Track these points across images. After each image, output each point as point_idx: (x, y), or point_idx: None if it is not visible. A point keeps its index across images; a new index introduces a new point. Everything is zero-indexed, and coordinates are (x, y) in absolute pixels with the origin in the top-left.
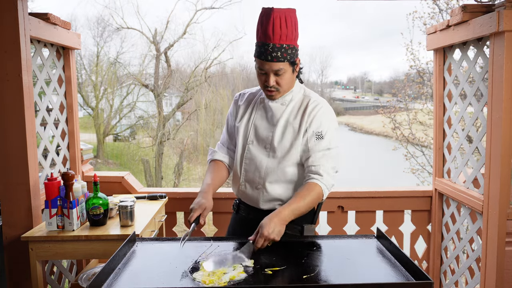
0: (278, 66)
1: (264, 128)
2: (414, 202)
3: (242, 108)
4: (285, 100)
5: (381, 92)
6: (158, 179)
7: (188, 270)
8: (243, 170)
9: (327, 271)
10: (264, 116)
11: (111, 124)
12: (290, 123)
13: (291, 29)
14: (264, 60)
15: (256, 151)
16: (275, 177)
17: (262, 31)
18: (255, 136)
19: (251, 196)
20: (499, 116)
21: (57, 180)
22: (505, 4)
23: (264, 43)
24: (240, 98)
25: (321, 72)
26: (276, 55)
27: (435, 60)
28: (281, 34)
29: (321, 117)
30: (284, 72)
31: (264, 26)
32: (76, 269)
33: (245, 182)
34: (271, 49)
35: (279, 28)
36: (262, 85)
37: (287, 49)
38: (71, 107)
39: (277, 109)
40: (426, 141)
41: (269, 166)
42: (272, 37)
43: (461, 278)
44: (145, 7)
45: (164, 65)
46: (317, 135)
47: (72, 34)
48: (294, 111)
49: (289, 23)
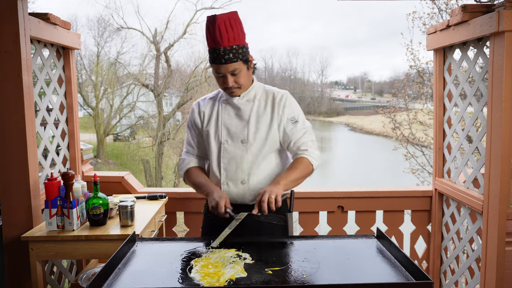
0: (233, 67)
1: (236, 125)
2: (414, 202)
3: (206, 113)
4: (250, 96)
5: (381, 92)
6: (158, 179)
7: (187, 270)
8: (223, 170)
9: (327, 271)
10: (233, 115)
11: (111, 124)
12: (261, 115)
13: (236, 30)
14: (218, 64)
15: (233, 149)
16: (257, 169)
17: (211, 38)
18: (228, 135)
19: (236, 193)
20: (499, 116)
21: (57, 180)
22: (505, 4)
23: (215, 48)
24: (201, 105)
25: (321, 72)
26: (229, 56)
27: (435, 60)
28: (229, 36)
29: (291, 104)
30: (239, 71)
31: (212, 32)
32: (76, 269)
33: (227, 180)
34: (222, 52)
35: (226, 31)
36: (223, 87)
37: (237, 49)
38: (71, 107)
39: (246, 106)
40: (426, 141)
41: (250, 159)
42: (221, 41)
43: (461, 278)
44: (145, 7)
45: (164, 65)
46: (292, 120)
47: (72, 34)
48: (261, 105)
49: (234, 25)
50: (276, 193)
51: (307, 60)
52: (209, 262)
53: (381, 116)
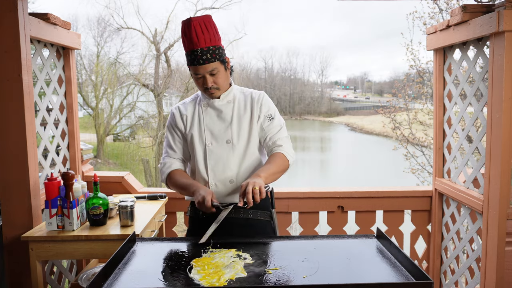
0: (211, 67)
1: (219, 127)
2: (414, 202)
3: (189, 116)
4: (230, 97)
5: (381, 92)
6: (158, 179)
7: (187, 270)
8: (210, 171)
9: (327, 271)
10: (214, 117)
11: (111, 124)
12: (242, 116)
13: (212, 32)
14: (197, 65)
15: (219, 150)
16: (244, 166)
17: (187, 40)
18: (212, 137)
19: (225, 192)
20: (499, 116)
21: (57, 180)
22: (505, 4)
23: (192, 50)
24: (181, 109)
25: (321, 72)
26: (206, 57)
27: (435, 60)
28: (205, 38)
29: (267, 102)
30: (218, 71)
31: (188, 35)
32: (76, 269)
33: (215, 181)
34: (200, 53)
35: (202, 33)
36: (202, 89)
37: (214, 50)
38: (71, 107)
39: (226, 107)
40: (426, 141)
41: (237, 158)
42: (198, 42)
43: (461, 278)
44: (145, 7)
45: (164, 65)
46: (268, 117)
47: (72, 34)
48: (241, 105)
49: (209, 27)
50: (259, 184)
51: (307, 60)
52: (209, 262)
53: (381, 116)
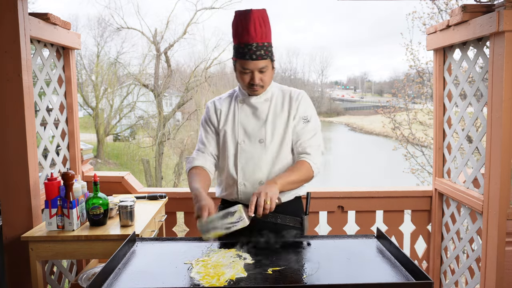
0: (263, 64)
1: (254, 125)
2: (414, 202)
3: (223, 112)
4: (267, 95)
5: (381, 92)
6: (158, 179)
7: (187, 270)
8: (240, 171)
9: (327, 271)
10: (249, 114)
11: (111, 124)
12: (278, 115)
13: (268, 27)
14: (249, 59)
15: (251, 148)
16: (275, 170)
17: (243, 32)
18: (245, 135)
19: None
20: (499, 116)
21: (57, 180)
22: (505, 4)
23: (247, 43)
24: (216, 104)
25: (321, 72)
26: (260, 53)
27: (435, 60)
28: (262, 33)
29: (305, 103)
30: (267, 69)
31: (246, 27)
32: (76, 269)
33: (244, 181)
34: (255, 48)
35: (260, 27)
36: (247, 84)
37: (268, 46)
38: (71, 107)
39: (263, 105)
40: (426, 141)
41: (268, 159)
42: (255, 36)
43: (461, 278)
44: (145, 7)
45: (164, 65)
46: (304, 119)
47: (72, 34)
48: (279, 104)
49: (266, 22)
50: (271, 196)
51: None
52: (209, 262)
53: (381, 116)
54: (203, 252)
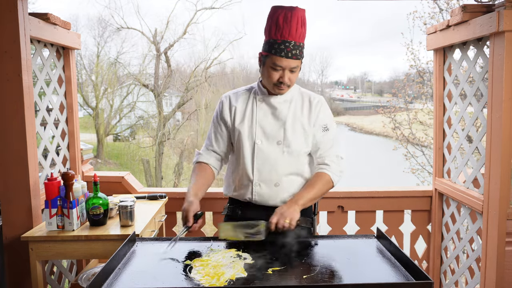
0: (296, 63)
1: (272, 125)
2: (414, 202)
3: (239, 109)
4: (287, 96)
5: (381, 92)
6: (158, 179)
7: (187, 270)
8: (256, 171)
9: (327, 271)
10: (268, 113)
11: (111, 124)
12: (298, 118)
13: (305, 29)
14: (284, 57)
15: (268, 149)
16: (291, 172)
17: (284, 28)
18: (263, 135)
19: (268, 195)
20: (499, 116)
21: (57, 180)
22: (505, 4)
23: (285, 40)
24: (232, 99)
25: (321, 72)
26: (296, 52)
27: (435, 60)
28: (301, 33)
29: (325, 111)
30: (297, 70)
31: (289, 24)
32: (76, 269)
33: (260, 182)
34: (292, 46)
35: (301, 27)
36: (275, 81)
37: (303, 47)
38: (71, 107)
39: (283, 106)
40: (426, 141)
41: (286, 161)
42: (295, 35)
43: (461, 278)
44: (145, 7)
45: (164, 65)
46: (323, 128)
47: (72, 34)
48: (298, 107)
49: (305, 23)
50: (291, 217)
51: (307, 60)
52: (209, 262)
53: (381, 116)
54: (203, 252)
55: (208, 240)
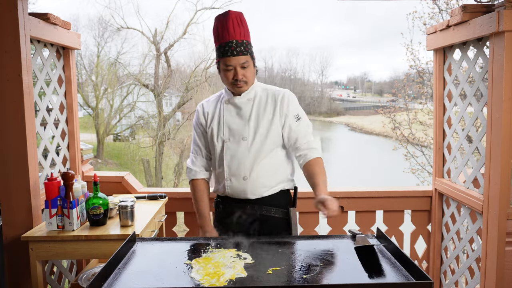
0: (244, 59)
1: (237, 123)
2: (414, 202)
3: (210, 113)
4: (251, 95)
5: (381, 92)
6: (158, 179)
7: (187, 270)
8: (226, 167)
9: (327, 271)
10: (233, 113)
11: (111, 124)
12: (261, 113)
13: (246, 28)
14: (230, 56)
15: (235, 146)
16: (258, 166)
17: (223, 32)
18: (230, 134)
19: (238, 188)
20: (499, 116)
21: (57, 180)
22: (505, 4)
23: (227, 42)
24: (205, 106)
25: (321, 72)
26: (240, 49)
27: (435, 60)
28: (240, 31)
29: (293, 102)
30: (248, 65)
31: (225, 26)
32: (76, 269)
33: (231, 176)
34: (235, 45)
35: (238, 26)
36: (231, 81)
37: (247, 44)
38: (71, 107)
39: (246, 105)
40: (426, 141)
41: (251, 156)
42: (234, 34)
43: (461, 278)
44: (145, 7)
45: (164, 65)
46: (296, 118)
47: (72, 34)
48: (262, 103)
49: (244, 23)
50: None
51: (307, 60)
52: (209, 262)
53: (381, 116)
54: (203, 252)
55: (208, 240)
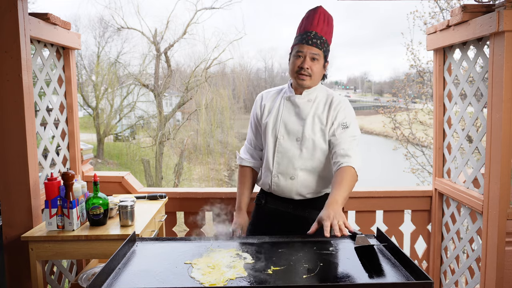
0: (316, 51)
1: (294, 123)
2: (414, 202)
3: (267, 106)
4: (311, 96)
5: (381, 92)
6: (158, 179)
7: (187, 270)
8: (275, 163)
9: (327, 271)
10: (292, 112)
11: (111, 124)
12: (318, 117)
13: (330, 29)
14: (305, 43)
15: (287, 144)
16: (307, 167)
17: (307, 22)
18: (285, 131)
19: (284, 186)
20: (499, 116)
21: (57, 180)
22: (505, 4)
23: (307, 31)
24: (264, 98)
25: None
26: (316, 41)
27: (435, 60)
28: (323, 27)
29: (345, 111)
30: (318, 59)
31: (311, 17)
32: (76, 269)
33: (278, 173)
34: (313, 35)
35: (323, 22)
36: (297, 69)
37: (324, 42)
38: (71, 107)
39: (305, 105)
40: (426, 141)
41: (302, 157)
42: (316, 26)
43: (461, 278)
44: (145, 7)
45: (164, 65)
46: (342, 126)
47: (72, 34)
48: (320, 107)
49: (330, 24)
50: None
51: None
52: (209, 262)
53: (381, 116)
54: (203, 252)
55: (208, 240)
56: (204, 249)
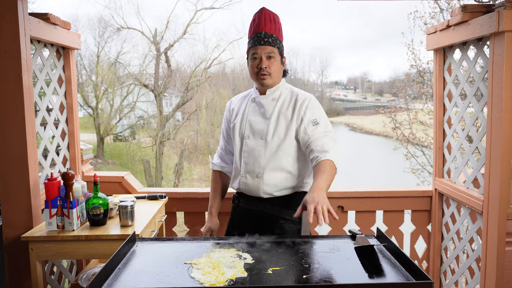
0: (270, 49)
1: (259, 122)
2: (414, 202)
3: (235, 110)
4: (275, 95)
5: (381, 92)
6: (158, 179)
7: (187, 270)
8: (243, 163)
9: (327, 271)
10: (257, 112)
11: (111, 124)
12: (283, 114)
13: (278, 26)
14: (257, 44)
15: (253, 144)
16: (273, 165)
17: (255, 24)
18: (250, 131)
19: (252, 185)
20: (499, 116)
21: (57, 180)
22: (505, 4)
23: (257, 33)
24: (232, 102)
25: (321, 72)
26: (268, 40)
27: (435, 60)
28: (271, 26)
29: (314, 108)
30: (274, 57)
31: (257, 19)
32: (76, 269)
33: (246, 173)
34: (263, 35)
35: (269, 21)
36: (256, 70)
37: (276, 39)
38: (71, 107)
39: (269, 104)
40: (426, 141)
41: (267, 156)
42: (264, 26)
43: (461, 278)
44: (145, 7)
45: (164, 65)
46: (313, 122)
47: (72, 34)
48: (285, 104)
49: (277, 22)
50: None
51: (307, 60)
52: (209, 262)
53: (381, 116)
54: (203, 252)
55: (208, 240)
56: (204, 249)
